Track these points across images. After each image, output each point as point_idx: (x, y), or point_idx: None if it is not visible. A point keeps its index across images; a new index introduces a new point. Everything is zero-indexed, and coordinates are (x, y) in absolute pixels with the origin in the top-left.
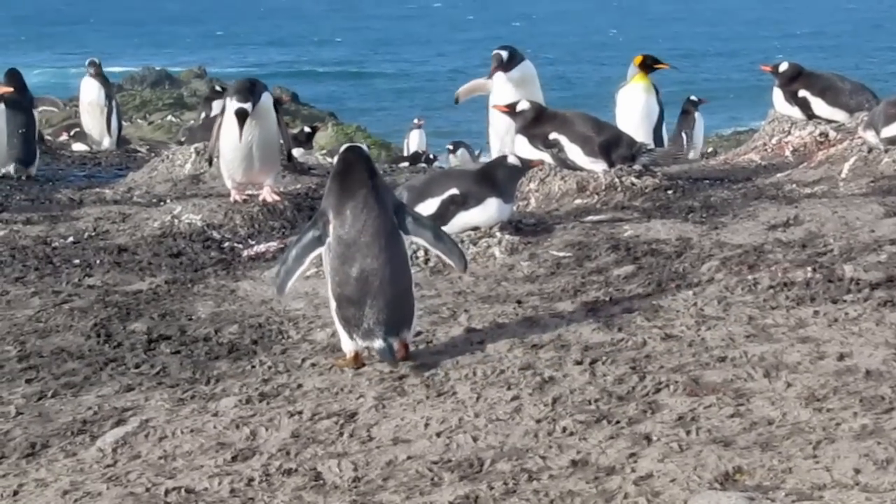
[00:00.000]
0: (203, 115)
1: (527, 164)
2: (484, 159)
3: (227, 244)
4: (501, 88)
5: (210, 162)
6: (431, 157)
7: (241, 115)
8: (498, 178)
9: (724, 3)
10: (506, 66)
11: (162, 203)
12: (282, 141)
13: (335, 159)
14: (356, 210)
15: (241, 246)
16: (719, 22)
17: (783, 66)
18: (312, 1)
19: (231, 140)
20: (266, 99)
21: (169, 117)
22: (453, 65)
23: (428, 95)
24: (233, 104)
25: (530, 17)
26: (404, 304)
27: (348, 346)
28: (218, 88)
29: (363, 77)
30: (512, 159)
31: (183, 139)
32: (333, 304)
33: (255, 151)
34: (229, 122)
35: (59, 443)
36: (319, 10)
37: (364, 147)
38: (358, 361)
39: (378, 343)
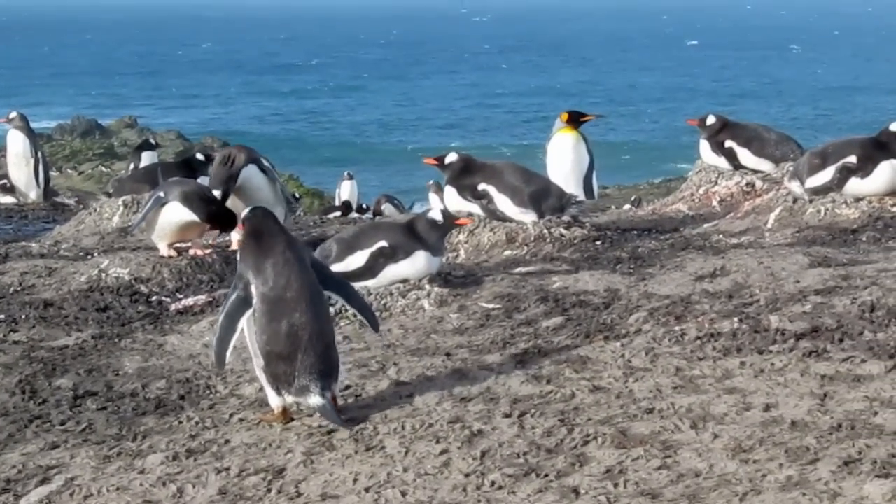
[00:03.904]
0: (132, 165)
1: (449, 221)
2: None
3: (154, 298)
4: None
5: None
6: (364, 206)
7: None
8: (424, 232)
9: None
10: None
11: (89, 257)
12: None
13: (242, 221)
14: (277, 267)
15: (168, 300)
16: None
17: (710, 119)
18: (253, 57)
19: (166, 229)
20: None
21: (100, 167)
22: (383, 116)
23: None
24: (234, 236)
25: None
26: (333, 357)
27: (276, 402)
28: (152, 142)
29: (299, 132)
30: (436, 215)
31: (111, 191)
32: (261, 362)
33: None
34: (170, 225)
35: None
36: (259, 65)
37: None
38: (286, 416)
39: (315, 400)
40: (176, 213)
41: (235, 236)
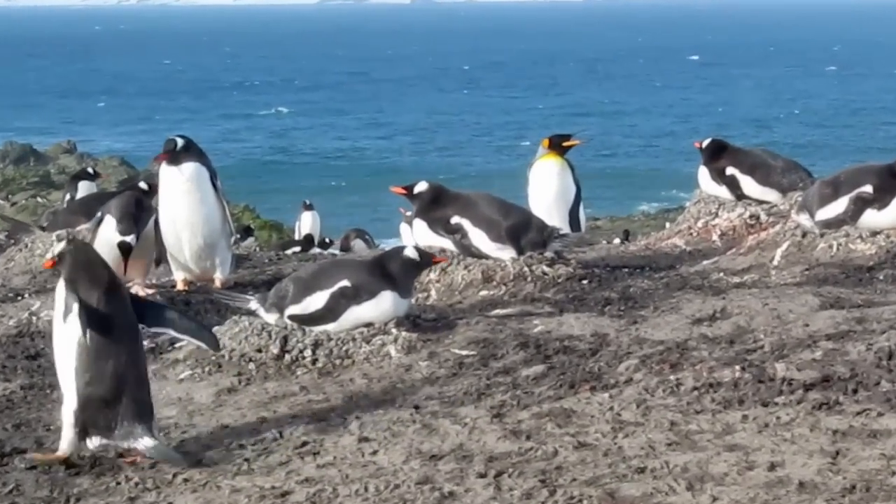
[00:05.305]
0: (68, 196)
1: (426, 259)
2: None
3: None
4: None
5: None
6: (328, 240)
7: (126, 250)
8: (393, 270)
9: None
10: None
11: (19, 298)
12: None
13: (60, 255)
14: (106, 306)
15: None
16: None
17: (706, 142)
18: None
19: (104, 252)
20: (150, 223)
21: (35, 198)
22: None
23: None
24: (115, 235)
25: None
26: (150, 401)
27: (71, 447)
28: (90, 170)
29: (259, 157)
30: (410, 252)
31: (45, 224)
32: (74, 405)
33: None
34: (106, 245)
35: None
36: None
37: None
38: (69, 464)
39: (147, 441)
40: (111, 227)
41: (138, 285)
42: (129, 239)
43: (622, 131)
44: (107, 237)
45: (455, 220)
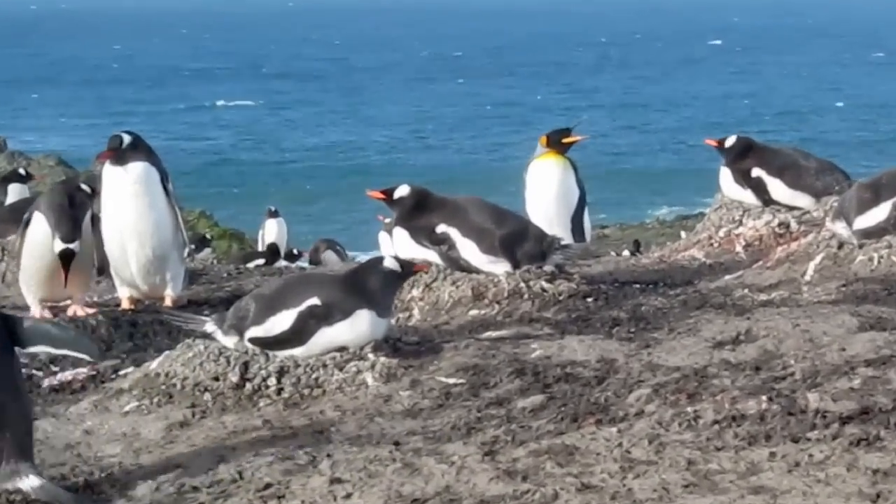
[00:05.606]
0: None
1: (408, 269)
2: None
3: (22, 371)
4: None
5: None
6: (295, 251)
7: (67, 258)
8: (370, 285)
9: None
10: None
11: None
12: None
13: None
14: None
15: (40, 374)
16: None
17: (730, 141)
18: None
19: (35, 257)
20: (87, 221)
21: None
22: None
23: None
24: (56, 244)
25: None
26: (31, 433)
27: None
28: (22, 172)
29: (217, 157)
30: (389, 262)
31: None
32: None
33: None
34: (38, 249)
35: None
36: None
37: None
38: None
39: (31, 481)
40: (43, 227)
41: (77, 303)
42: (74, 246)
43: (634, 126)
44: (38, 241)
45: (441, 228)
